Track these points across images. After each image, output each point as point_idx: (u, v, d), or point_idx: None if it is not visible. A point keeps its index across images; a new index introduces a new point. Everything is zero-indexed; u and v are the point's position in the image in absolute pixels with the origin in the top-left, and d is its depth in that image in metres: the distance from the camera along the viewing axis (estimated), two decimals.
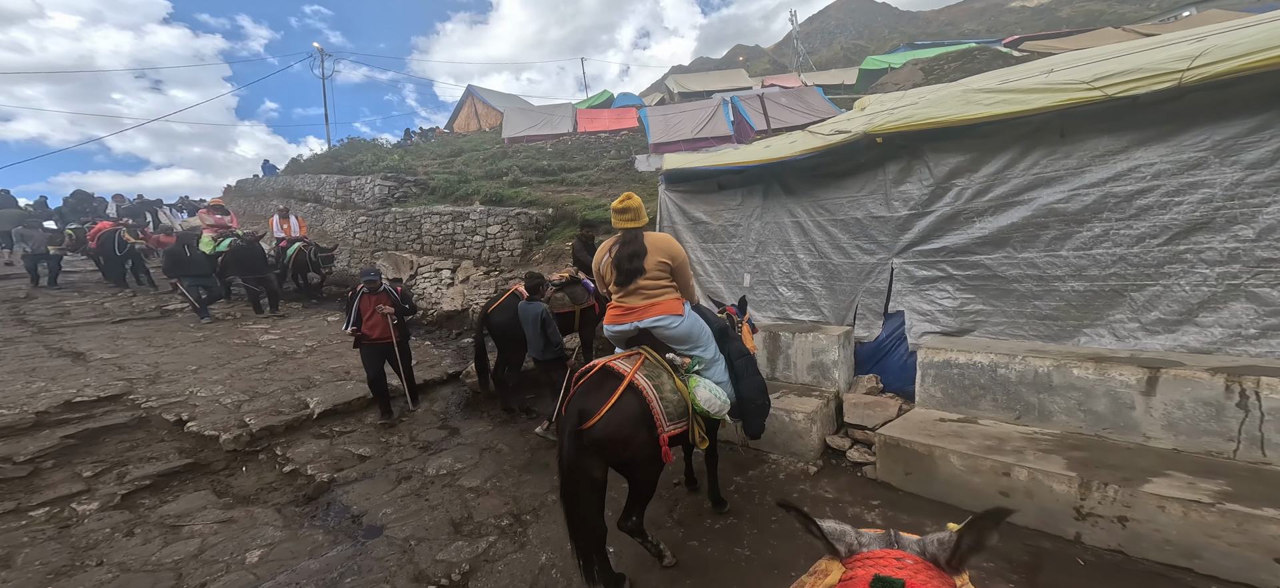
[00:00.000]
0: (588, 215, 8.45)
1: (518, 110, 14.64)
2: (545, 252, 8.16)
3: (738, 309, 3.44)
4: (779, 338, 4.18)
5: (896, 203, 3.65)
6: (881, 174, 3.72)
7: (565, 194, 9.77)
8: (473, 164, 11.68)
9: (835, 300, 4.16)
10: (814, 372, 3.99)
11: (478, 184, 9.97)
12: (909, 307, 3.68)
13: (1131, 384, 2.64)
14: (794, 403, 3.69)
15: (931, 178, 3.43)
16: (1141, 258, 2.75)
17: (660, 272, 2.50)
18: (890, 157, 3.63)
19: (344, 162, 12.41)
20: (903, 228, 3.65)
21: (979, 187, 3.22)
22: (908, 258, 3.66)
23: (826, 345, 3.88)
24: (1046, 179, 2.96)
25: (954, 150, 3.31)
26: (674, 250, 2.55)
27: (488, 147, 13.21)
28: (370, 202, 10.05)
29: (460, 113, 19.52)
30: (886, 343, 3.82)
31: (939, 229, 3.45)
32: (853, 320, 4.03)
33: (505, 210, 8.37)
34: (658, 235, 2.57)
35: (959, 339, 3.40)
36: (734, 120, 11.71)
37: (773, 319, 4.61)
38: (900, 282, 3.71)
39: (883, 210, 3.74)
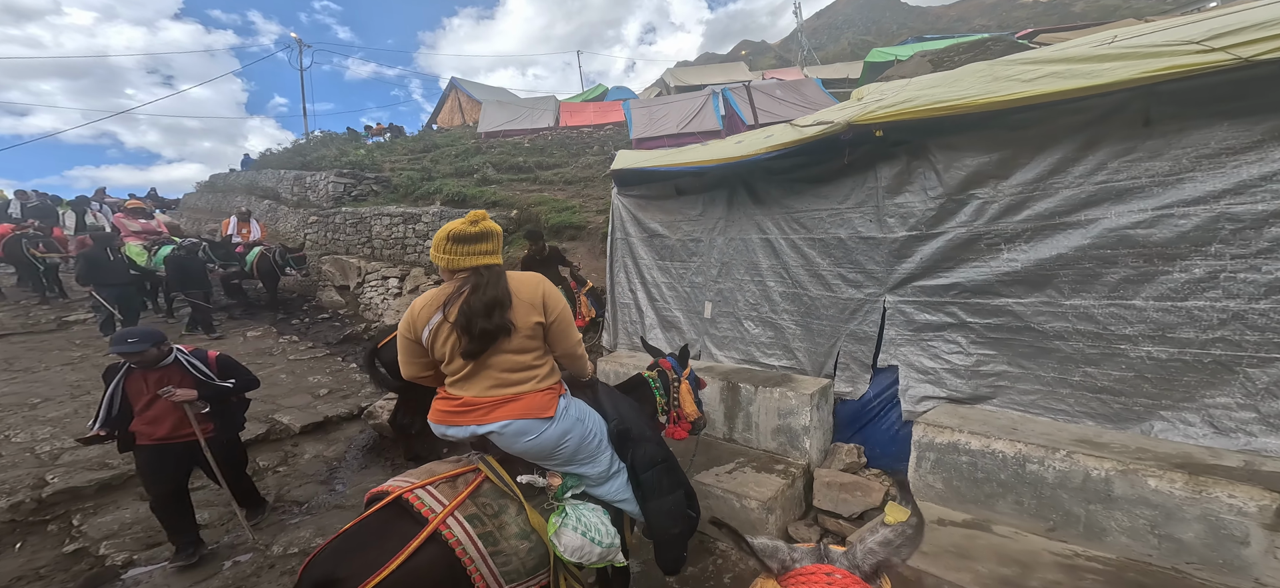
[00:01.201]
0: (554, 219, 7.53)
1: (497, 103, 13.69)
2: (508, 256, 7.23)
3: (675, 363, 2.50)
4: (738, 390, 3.23)
5: (891, 220, 2.67)
6: (872, 181, 2.74)
7: (536, 194, 8.83)
8: (443, 160, 10.77)
9: (812, 343, 3.19)
10: (780, 437, 3.04)
11: (442, 182, 9.06)
12: (905, 361, 2.70)
13: (1249, 512, 1.67)
14: (749, 483, 2.75)
15: (940, 187, 2.45)
16: (1272, 317, 1.76)
17: (532, 336, 1.54)
18: (883, 157, 2.65)
19: (306, 156, 11.56)
20: (899, 255, 2.66)
21: (1010, 200, 2.24)
22: (905, 295, 2.68)
23: (797, 406, 2.93)
24: (1117, 191, 1.98)
25: (973, 148, 2.32)
26: (550, 299, 1.59)
27: (464, 141, 12.29)
28: (324, 199, 9.19)
29: (444, 107, 18.56)
30: (874, 404, 2.86)
31: (949, 258, 2.47)
32: (834, 371, 3.06)
33: (458, 213, 7.44)
34: (526, 276, 1.60)
35: (972, 412, 2.42)
36: (725, 114, 10.67)
37: (737, 361, 3.66)
38: (894, 326, 2.74)
39: (873, 230, 2.76)
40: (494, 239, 1.54)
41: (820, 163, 2.94)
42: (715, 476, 2.94)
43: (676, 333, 4.10)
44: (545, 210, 7.83)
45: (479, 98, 15.45)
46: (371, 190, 9.32)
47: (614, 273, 4.60)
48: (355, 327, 7.14)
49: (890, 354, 2.76)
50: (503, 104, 13.86)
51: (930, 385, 2.60)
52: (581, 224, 7.25)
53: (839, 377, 3.02)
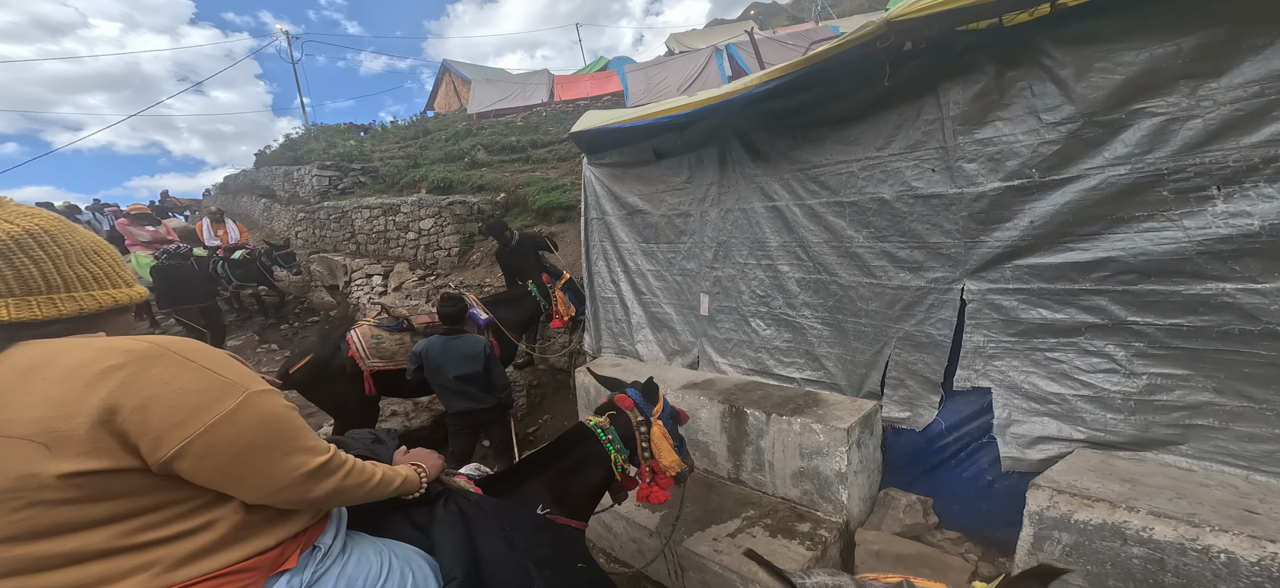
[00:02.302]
0: (542, 199, 6.68)
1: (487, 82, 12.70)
2: (486, 249, 6.48)
3: (638, 398, 1.67)
4: (745, 419, 2.35)
5: (971, 167, 1.64)
6: (931, 109, 1.70)
7: (526, 174, 7.99)
8: (433, 146, 10.06)
9: (846, 350, 2.23)
10: (805, 483, 2.15)
11: (428, 168, 8.35)
12: (1004, 380, 1.71)
13: None
14: (750, 566, 1.90)
15: (1068, 104, 1.42)
16: None
17: (69, 497, 0.61)
18: (951, 71, 1.61)
19: (298, 151, 11.10)
20: (987, 218, 1.64)
21: (1234, 111, 1.21)
22: (999, 280, 1.67)
23: (827, 445, 2.02)
24: None
25: (1141, 33, 1.28)
26: (149, 399, 0.63)
27: (455, 124, 11.52)
28: (311, 194, 8.67)
29: (438, 92, 17.68)
30: (947, 441, 1.90)
31: (1092, 219, 1.45)
32: (881, 388, 2.11)
33: (439, 200, 6.71)
34: (55, 356, 0.64)
35: (1143, 470, 1.42)
36: (731, 74, 9.36)
37: (745, 371, 2.75)
38: (982, 328, 1.73)
39: (939, 182, 1.74)
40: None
41: (844, 94, 1.91)
42: (712, 542, 2.10)
43: (669, 334, 3.21)
44: (534, 191, 6.98)
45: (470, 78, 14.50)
46: (358, 182, 8.74)
47: (592, 261, 3.72)
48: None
49: (976, 369, 1.77)
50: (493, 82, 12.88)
51: (1054, 421, 1.61)
52: (572, 203, 6.36)
53: (889, 397, 2.07)
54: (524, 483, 1.41)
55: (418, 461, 1.07)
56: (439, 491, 1.07)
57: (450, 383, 2.51)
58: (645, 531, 2.26)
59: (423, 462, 1.07)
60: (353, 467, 0.84)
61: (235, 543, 0.71)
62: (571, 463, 1.52)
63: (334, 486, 0.79)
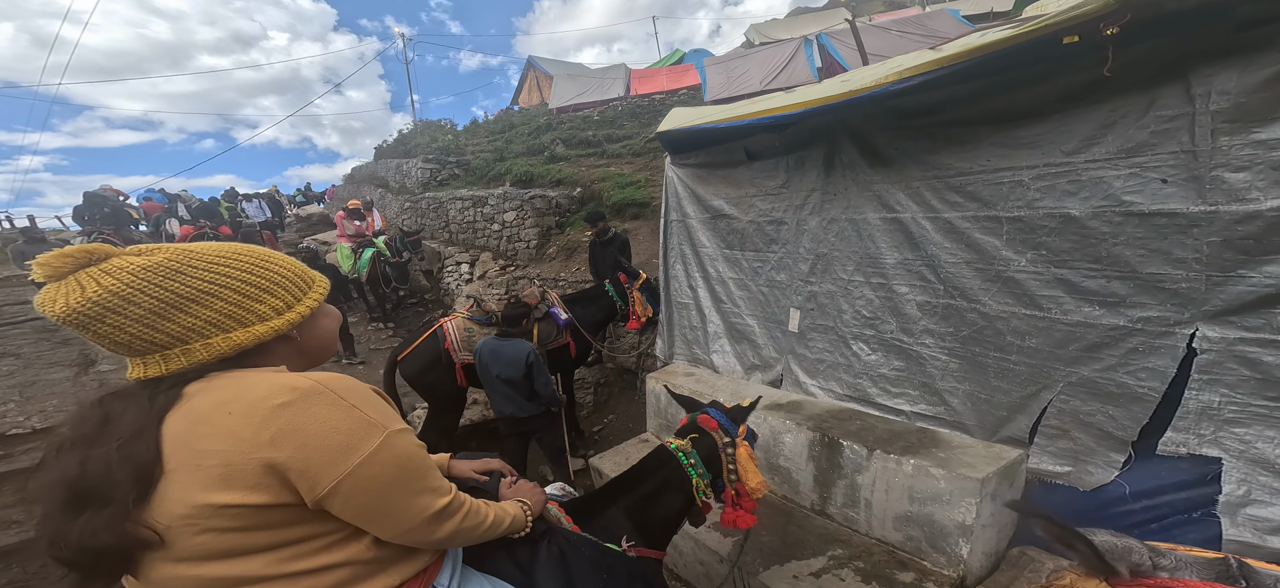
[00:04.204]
0: (616, 196, 6.64)
1: (568, 77, 12.91)
2: (562, 243, 6.61)
3: (723, 418, 1.52)
4: (841, 452, 2.04)
5: (1240, 177, 1.16)
6: (1174, 102, 1.23)
7: (601, 169, 8.04)
8: (517, 139, 10.53)
9: (982, 388, 1.81)
10: (910, 528, 1.82)
11: (513, 162, 8.73)
12: (1246, 453, 1.24)
13: None
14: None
15: None
16: None
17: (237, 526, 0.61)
18: (1209, 54, 1.14)
19: (407, 145, 12.25)
20: (1256, 247, 1.16)
21: None
22: (1260, 327, 1.19)
23: (949, 492, 1.66)
24: None
25: None
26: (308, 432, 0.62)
27: (537, 119, 11.95)
28: (415, 186, 9.52)
29: (523, 87, 18.33)
30: (1134, 509, 1.44)
31: None
32: (1030, 435, 1.68)
33: (521, 193, 6.96)
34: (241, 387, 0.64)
35: None
36: (821, 67, 8.49)
37: (839, 397, 2.41)
38: (1221, 384, 1.26)
39: (1180, 199, 1.27)
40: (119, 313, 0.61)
41: (1016, 87, 1.48)
42: (792, 580, 1.85)
43: (749, 347, 2.95)
44: (608, 186, 6.96)
45: (552, 73, 14.90)
46: (453, 174, 9.40)
47: (669, 264, 3.54)
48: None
49: (1205, 435, 1.30)
50: (573, 77, 13.11)
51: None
52: (645, 200, 6.24)
53: (1042, 446, 1.63)
54: (607, 510, 1.30)
55: (523, 496, 1.00)
56: (542, 530, 0.99)
57: (496, 386, 2.46)
58: (714, 554, 2.06)
59: (527, 497, 0.99)
60: (470, 509, 0.79)
61: (368, 578, 0.70)
62: (652, 489, 1.39)
63: (454, 527, 0.75)
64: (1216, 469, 1.29)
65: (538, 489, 1.05)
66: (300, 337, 0.72)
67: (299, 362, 0.73)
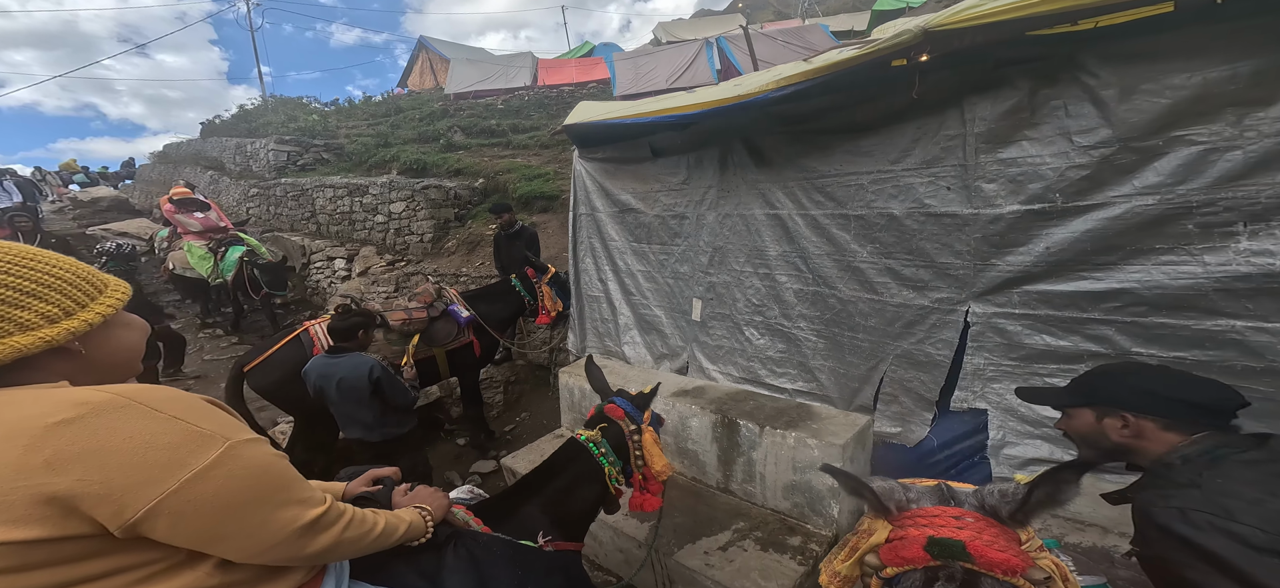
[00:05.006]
0: (523, 188, 6.38)
1: (467, 62, 12.02)
2: (462, 237, 6.14)
3: (629, 407, 1.60)
4: (737, 430, 2.27)
5: (991, 187, 1.61)
6: (954, 125, 1.66)
7: (506, 159, 7.63)
8: (406, 125, 9.44)
9: (841, 363, 2.19)
10: (796, 496, 2.11)
11: (401, 148, 7.82)
12: (1002, 404, 1.71)
13: None
14: (751, 570, 1.90)
15: (1105, 127, 1.39)
16: None
17: None
18: (980, 85, 1.56)
19: (252, 123, 10.13)
20: (1002, 241, 1.62)
21: (1274, 144, 1.19)
22: (1006, 304, 1.66)
23: (821, 458, 1.97)
24: None
25: (1188, 55, 1.25)
26: (88, 459, 0.54)
27: (431, 104, 10.88)
28: (266, 170, 7.94)
29: (413, 69, 16.56)
30: (939, 458, 1.89)
31: (1115, 247, 1.44)
32: (873, 402, 2.08)
33: (412, 183, 6.28)
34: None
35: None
36: (721, 68, 9.29)
37: (736, 380, 2.68)
38: (985, 350, 1.72)
39: (954, 202, 1.70)
40: None
41: (859, 103, 1.84)
42: (703, 556, 2.03)
43: (658, 337, 3.10)
44: (514, 178, 6.67)
45: (448, 57, 13.68)
46: (320, 159, 8.08)
47: (579, 258, 3.54)
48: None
49: (976, 391, 1.75)
50: (473, 63, 12.23)
51: (1047, 444, 1.62)
52: (554, 193, 6.12)
53: (882, 411, 2.04)
54: (521, 508, 1.31)
55: (421, 502, 0.95)
56: (448, 534, 0.94)
57: (338, 408, 2.16)
58: (633, 541, 2.15)
59: (427, 503, 0.95)
60: (352, 518, 0.75)
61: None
62: (567, 482, 1.43)
63: (331, 540, 0.71)
64: (985, 419, 1.75)
65: (439, 494, 1.02)
66: (87, 350, 0.62)
67: (90, 380, 0.62)
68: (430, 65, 15.81)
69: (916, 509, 0.79)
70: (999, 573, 0.69)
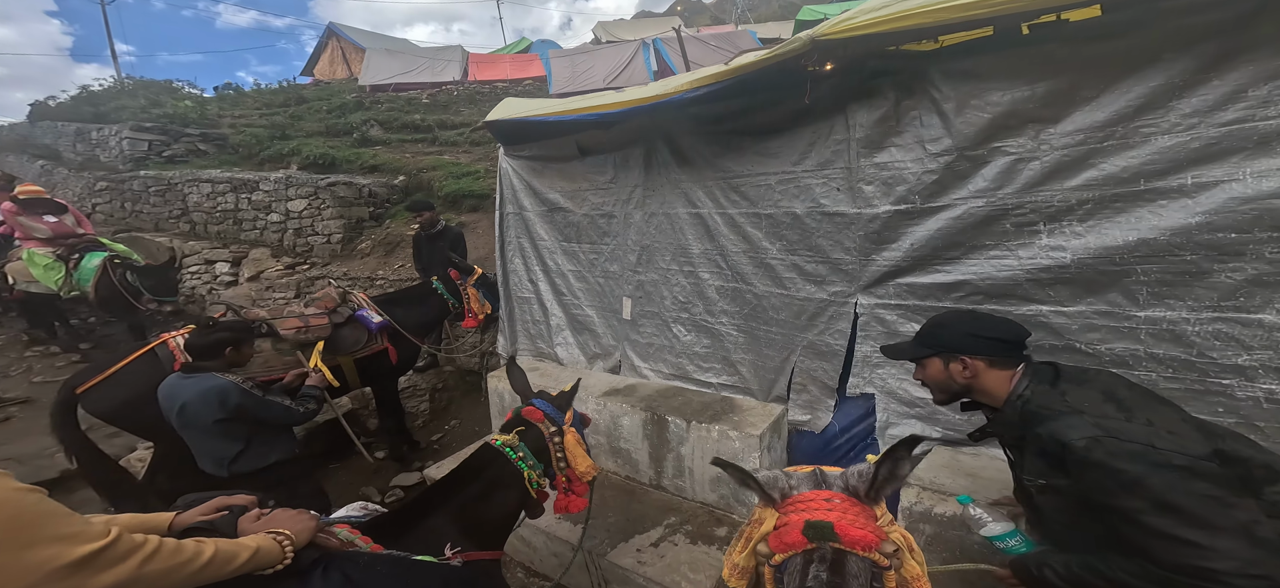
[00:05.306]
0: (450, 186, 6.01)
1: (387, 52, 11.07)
2: (379, 237, 5.64)
3: (549, 408, 1.57)
4: (666, 426, 2.33)
5: (869, 189, 1.80)
6: (841, 130, 1.84)
7: (431, 156, 7.14)
8: (310, 116, 8.47)
9: (759, 357, 2.33)
10: (722, 488, 2.21)
11: (302, 142, 7.01)
12: (884, 387, 1.92)
13: None
14: (681, 564, 1.93)
15: (947, 137, 1.59)
16: None
17: None
18: (859, 95, 1.75)
19: (100, 107, 8.46)
20: (879, 239, 1.82)
21: (1062, 156, 1.43)
22: (885, 296, 1.87)
23: (742, 450, 2.08)
24: (1260, 137, 1.20)
25: (1007, 75, 1.47)
26: None
27: (342, 95, 9.88)
28: (119, 160, 6.69)
29: (321, 57, 14.85)
30: (840, 441, 2.08)
31: (956, 244, 1.66)
32: (787, 392, 2.23)
33: (316, 179, 5.64)
34: None
35: (981, 465, 1.70)
36: (657, 69, 9.52)
37: (666, 377, 2.73)
38: (870, 339, 1.93)
39: (843, 202, 1.89)
40: None
41: (766, 107, 1.98)
42: (635, 553, 2.04)
43: (591, 337, 3.08)
44: (440, 176, 6.28)
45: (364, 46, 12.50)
46: (195, 150, 6.97)
47: (506, 258, 3.41)
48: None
49: (864, 377, 1.95)
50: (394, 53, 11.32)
51: (920, 423, 1.84)
52: (485, 192, 5.86)
53: (794, 401, 2.20)
54: (425, 520, 1.23)
55: (278, 526, 0.84)
56: (315, 557, 0.84)
57: (189, 438, 1.87)
58: (567, 544, 2.12)
59: (286, 526, 0.85)
60: (157, 550, 0.66)
61: None
62: (481, 490, 1.37)
63: (120, 577, 0.62)
64: (872, 403, 1.96)
65: (302, 516, 0.94)
66: None
67: None
68: (342, 54, 14.38)
69: (796, 496, 0.84)
70: (859, 550, 0.76)
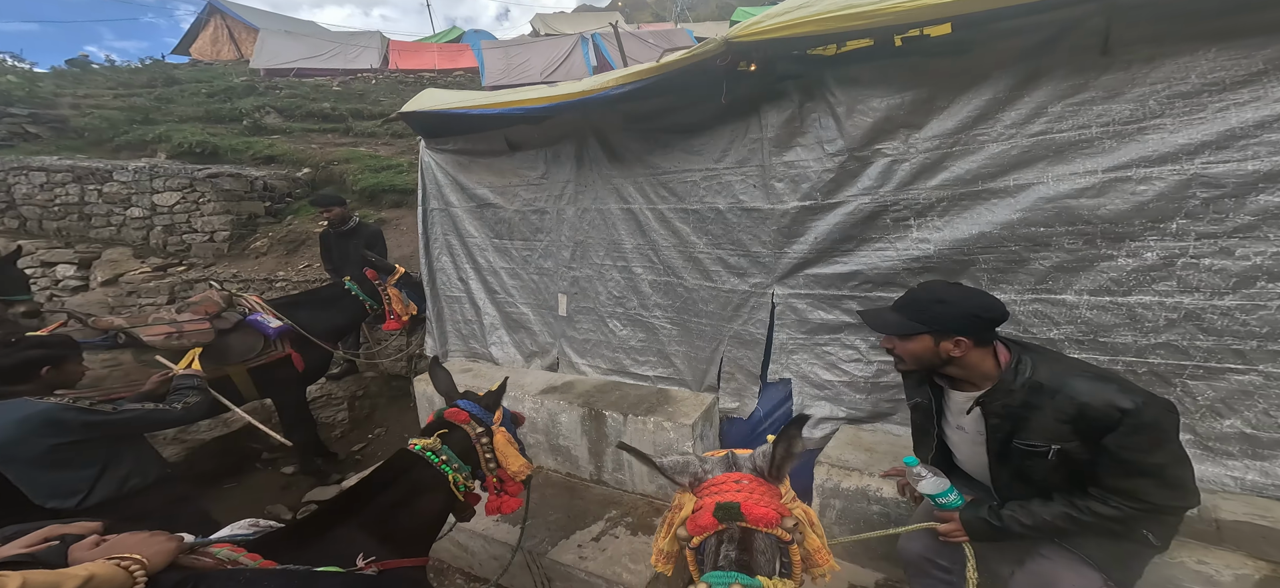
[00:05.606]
0: (367, 181, 5.50)
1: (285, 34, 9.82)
2: (278, 235, 5.03)
3: (476, 409, 1.53)
4: (604, 420, 2.35)
5: (780, 186, 1.97)
6: (755, 130, 1.99)
7: (344, 148, 6.49)
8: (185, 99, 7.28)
9: (691, 348, 2.44)
10: (659, 478, 2.24)
11: (171, 127, 6.01)
12: (799, 372, 2.10)
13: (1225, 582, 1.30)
14: (622, 557, 1.96)
15: (840, 139, 1.79)
16: (1236, 318, 1.34)
17: None
18: (770, 97, 1.90)
19: None
20: (790, 232, 1.99)
21: (925, 158, 1.66)
22: (796, 286, 2.05)
23: (676, 440, 2.17)
24: (1058, 146, 1.46)
25: (882, 84, 1.68)
26: None
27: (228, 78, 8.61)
28: None
29: (201, 35, 12.68)
30: (765, 426, 2.25)
31: (850, 237, 1.87)
32: (717, 382, 2.37)
33: (193, 170, 4.88)
34: None
35: (877, 439, 1.93)
36: (596, 65, 9.49)
37: (604, 372, 2.76)
38: (785, 327, 2.10)
39: (759, 198, 2.04)
40: None
41: (691, 105, 2.09)
42: (577, 549, 2.04)
43: (527, 335, 3.01)
44: (356, 169, 5.75)
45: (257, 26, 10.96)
46: (21, 133, 5.69)
47: (432, 256, 3.22)
48: None
49: (782, 363, 2.13)
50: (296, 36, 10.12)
51: (828, 404, 2.04)
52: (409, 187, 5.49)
53: (723, 390, 2.34)
54: (332, 531, 1.16)
55: (122, 550, 0.74)
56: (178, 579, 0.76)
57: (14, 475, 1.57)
58: (506, 546, 2.07)
59: (135, 550, 0.77)
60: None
61: None
62: (399, 496, 1.31)
63: None
64: (790, 388, 2.14)
65: (156, 538, 0.86)
66: None
67: None
68: (228, 32, 12.54)
69: (710, 480, 0.87)
70: (763, 527, 0.81)
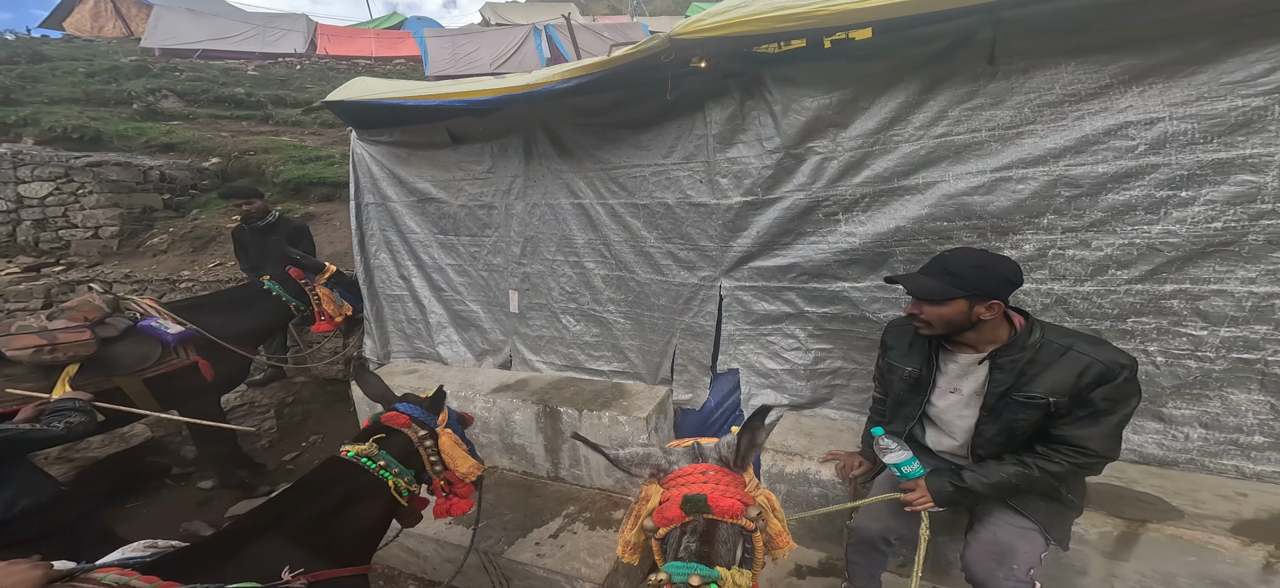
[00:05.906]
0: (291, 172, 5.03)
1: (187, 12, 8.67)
2: (181, 231, 4.50)
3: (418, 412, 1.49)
4: (560, 417, 2.34)
5: (724, 181, 2.05)
6: (701, 126, 2.05)
7: (263, 137, 5.89)
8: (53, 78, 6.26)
9: (645, 342, 2.48)
10: (616, 471, 2.28)
11: (39, 109, 5.17)
12: (745, 361, 2.20)
13: None
14: (581, 552, 1.99)
15: (778, 137, 1.88)
16: (1094, 301, 1.57)
17: None
18: (713, 94, 1.97)
19: None
20: (734, 227, 2.08)
21: (850, 157, 1.79)
22: (742, 278, 2.14)
23: (631, 433, 2.21)
24: (956, 147, 1.63)
25: (814, 84, 1.79)
26: None
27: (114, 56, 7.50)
28: None
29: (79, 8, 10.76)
30: (716, 416, 2.34)
31: (788, 232, 1.97)
32: (671, 374, 2.42)
33: (70, 158, 4.24)
34: None
35: (816, 424, 2.06)
36: (550, 57, 9.28)
37: (559, 368, 2.73)
38: (732, 319, 2.19)
39: (705, 194, 2.12)
40: None
41: (639, 101, 2.12)
42: (535, 547, 2.02)
43: (478, 333, 2.91)
44: (276, 159, 5.26)
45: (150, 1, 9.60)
46: None
47: (369, 253, 3.03)
48: None
49: (730, 354, 2.22)
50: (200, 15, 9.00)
51: (773, 392, 2.15)
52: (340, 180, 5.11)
53: (676, 382, 2.40)
54: (252, 545, 1.10)
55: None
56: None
57: None
58: (459, 548, 2.02)
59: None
60: None
61: None
62: (333, 503, 1.25)
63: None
64: (738, 378, 2.23)
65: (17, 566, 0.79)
66: None
67: None
68: (113, 6, 10.92)
69: (677, 471, 0.88)
70: (728, 518, 0.83)
